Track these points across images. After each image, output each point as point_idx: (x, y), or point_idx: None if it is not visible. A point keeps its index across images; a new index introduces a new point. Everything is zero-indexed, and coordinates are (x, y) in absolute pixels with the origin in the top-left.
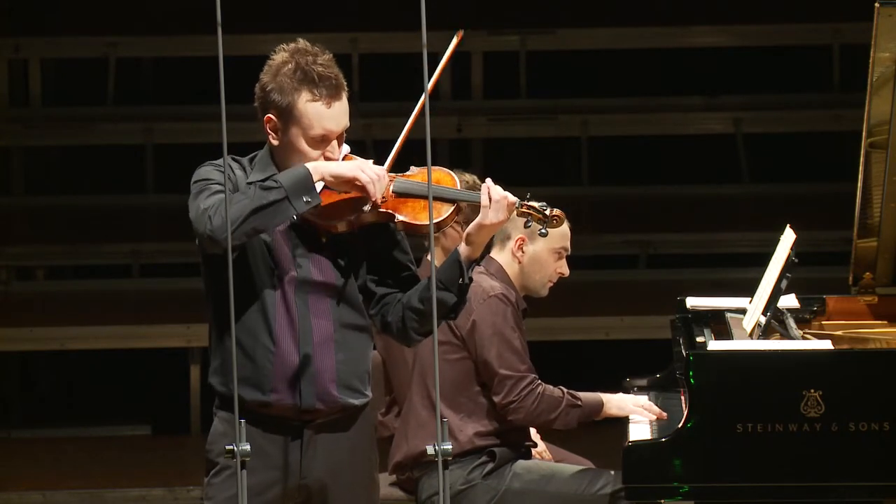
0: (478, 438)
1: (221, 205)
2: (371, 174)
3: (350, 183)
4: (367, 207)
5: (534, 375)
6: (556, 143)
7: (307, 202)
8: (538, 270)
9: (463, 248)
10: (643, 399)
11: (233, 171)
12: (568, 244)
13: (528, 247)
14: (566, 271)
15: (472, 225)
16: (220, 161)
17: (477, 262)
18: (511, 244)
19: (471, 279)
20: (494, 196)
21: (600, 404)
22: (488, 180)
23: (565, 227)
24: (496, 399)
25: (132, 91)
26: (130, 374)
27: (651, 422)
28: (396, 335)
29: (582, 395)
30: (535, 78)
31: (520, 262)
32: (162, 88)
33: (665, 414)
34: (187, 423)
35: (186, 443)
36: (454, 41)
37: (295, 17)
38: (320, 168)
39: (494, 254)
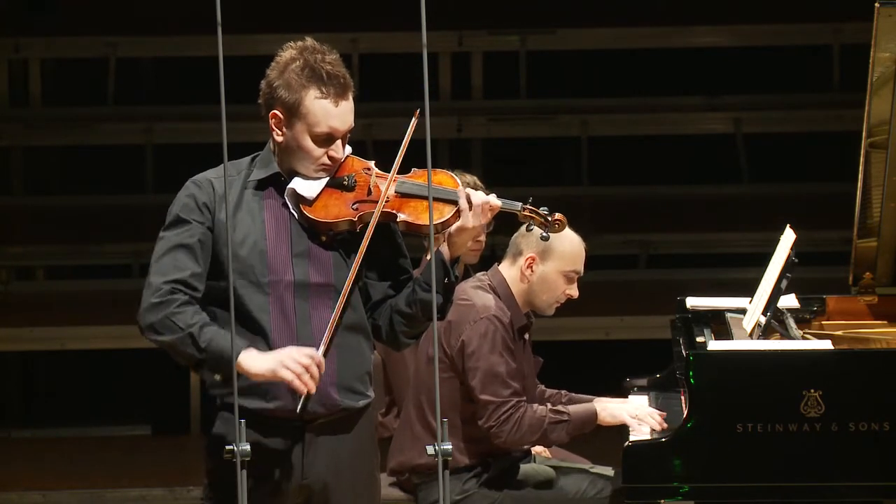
0: (469, 455)
1: (166, 308)
2: (296, 367)
3: (274, 377)
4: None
5: (516, 399)
6: (556, 143)
7: (215, 376)
8: (546, 291)
9: (444, 249)
10: (642, 404)
11: (215, 194)
12: (580, 267)
13: (538, 266)
14: (575, 294)
15: (454, 227)
16: (206, 176)
17: (477, 268)
18: (521, 261)
19: (457, 278)
20: (475, 200)
21: (592, 415)
22: (467, 188)
23: (579, 249)
24: (479, 423)
25: (132, 91)
26: (130, 374)
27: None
28: (386, 340)
29: (571, 408)
30: (535, 78)
31: (528, 281)
32: (162, 88)
33: (664, 424)
34: (187, 423)
35: (186, 443)
36: (413, 122)
37: (295, 17)
38: (244, 361)
39: (503, 267)
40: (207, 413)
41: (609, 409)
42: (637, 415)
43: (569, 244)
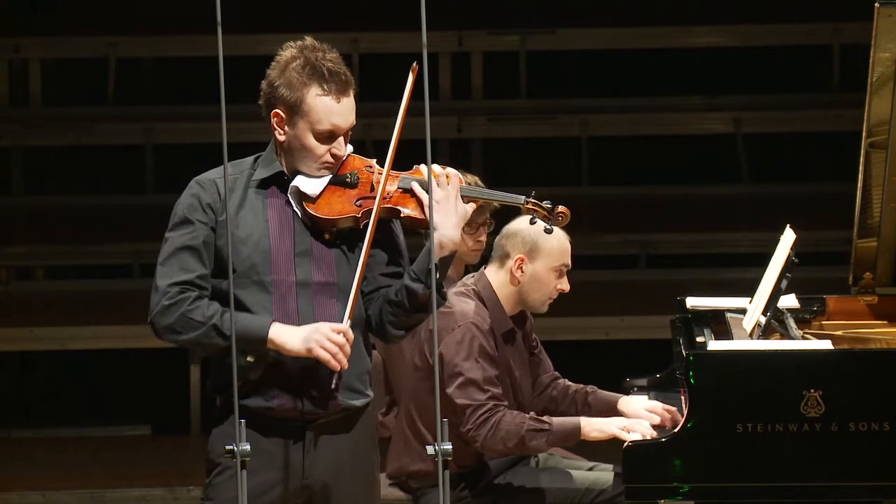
0: (461, 463)
1: (179, 308)
2: (330, 346)
3: (309, 355)
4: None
5: (493, 403)
6: (556, 143)
7: (247, 358)
8: (538, 289)
9: (436, 236)
10: (638, 409)
11: (218, 194)
12: (569, 260)
13: (527, 266)
14: (566, 287)
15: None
16: (209, 176)
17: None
18: (510, 263)
19: (441, 267)
20: (438, 171)
21: (576, 430)
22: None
23: (565, 243)
24: (460, 429)
25: (132, 91)
26: (130, 374)
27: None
28: (375, 330)
29: (556, 419)
30: (535, 78)
31: (518, 282)
32: (162, 88)
33: (654, 433)
34: (187, 423)
35: (186, 443)
36: (410, 77)
37: (295, 17)
38: (276, 338)
39: (489, 271)
40: (208, 413)
41: (595, 424)
42: (626, 426)
43: (555, 240)
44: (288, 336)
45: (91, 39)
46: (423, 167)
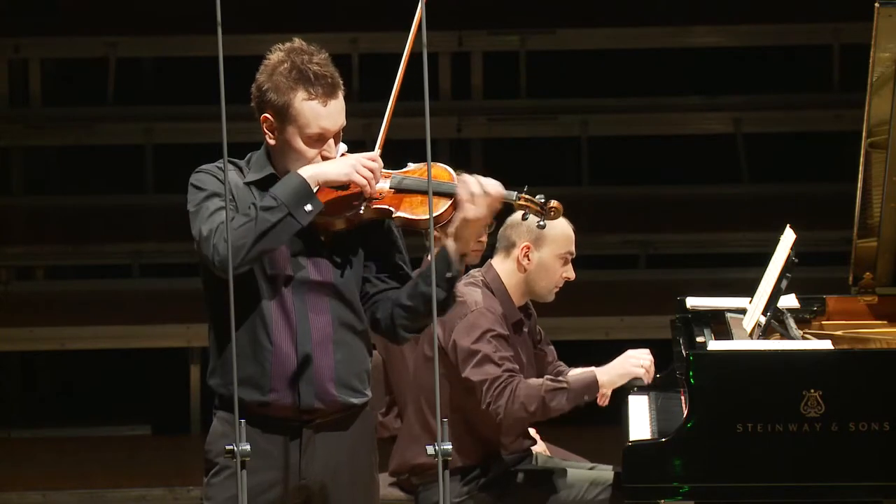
0: (467, 458)
1: (224, 229)
2: (365, 172)
3: (349, 180)
4: (363, 205)
5: (507, 374)
6: (556, 143)
7: (309, 211)
8: (545, 277)
9: (450, 244)
10: (636, 354)
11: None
12: (573, 248)
13: (533, 254)
14: (572, 275)
15: (458, 221)
16: (215, 164)
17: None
18: (516, 252)
19: (458, 272)
20: (475, 191)
21: (592, 381)
22: (465, 175)
23: (569, 231)
24: (482, 407)
25: (132, 91)
26: (130, 374)
27: (651, 421)
28: (385, 333)
29: (571, 377)
30: (535, 78)
31: (525, 270)
32: (162, 88)
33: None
34: (187, 423)
35: (186, 443)
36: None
37: (295, 17)
38: (315, 175)
39: (496, 262)
40: (208, 412)
41: (610, 371)
42: (636, 362)
43: (559, 227)
44: (325, 168)
45: (91, 39)
46: (440, 165)
